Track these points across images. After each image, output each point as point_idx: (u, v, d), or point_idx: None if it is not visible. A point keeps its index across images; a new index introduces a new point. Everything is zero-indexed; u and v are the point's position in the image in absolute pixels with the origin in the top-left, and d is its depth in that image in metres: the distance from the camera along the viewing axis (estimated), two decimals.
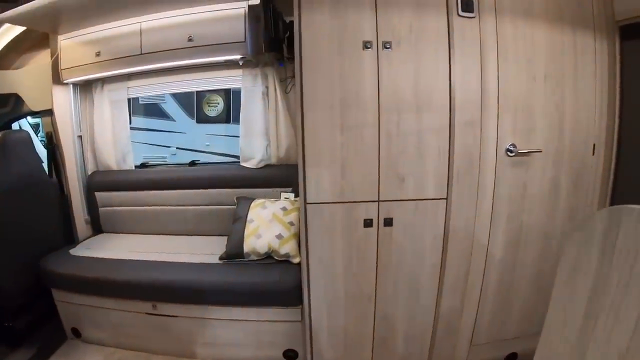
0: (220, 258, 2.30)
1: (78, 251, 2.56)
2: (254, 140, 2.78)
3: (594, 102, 1.94)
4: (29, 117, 3.41)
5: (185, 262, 2.31)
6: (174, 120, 4.16)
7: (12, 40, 2.72)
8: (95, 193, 2.92)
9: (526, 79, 1.85)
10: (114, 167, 2.99)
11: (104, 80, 2.87)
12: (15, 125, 4.15)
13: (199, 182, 2.81)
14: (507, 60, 1.83)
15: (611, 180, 2.04)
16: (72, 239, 2.83)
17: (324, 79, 1.76)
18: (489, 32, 1.81)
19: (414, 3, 1.76)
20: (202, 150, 3.67)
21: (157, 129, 3.69)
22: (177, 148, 3.71)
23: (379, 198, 1.84)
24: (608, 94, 1.96)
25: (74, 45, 2.64)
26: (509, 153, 1.87)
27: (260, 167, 2.78)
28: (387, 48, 1.77)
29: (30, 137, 2.63)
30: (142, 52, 2.46)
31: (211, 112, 4.17)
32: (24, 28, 2.65)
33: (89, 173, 3.00)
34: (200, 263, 2.30)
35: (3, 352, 2.34)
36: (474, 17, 1.80)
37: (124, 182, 2.91)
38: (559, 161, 1.93)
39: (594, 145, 1.97)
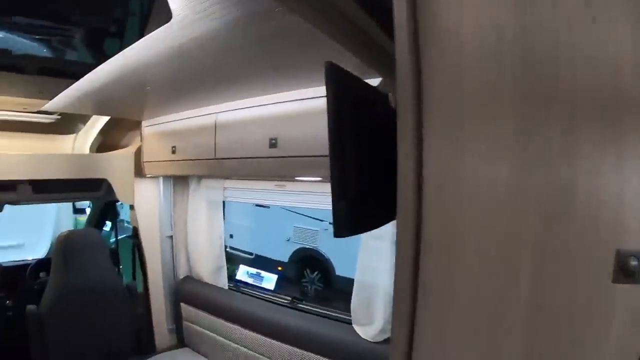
0: None
1: None
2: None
3: None
4: None
5: None
6: None
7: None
8: (181, 304, 2.47)
9: None
10: (207, 279, 2.46)
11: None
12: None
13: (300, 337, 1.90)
14: None
15: None
16: (152, 348, 2.46)
17: None
18: None
19: None
20: None
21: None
22: (329, 223, 2.61)
23: None
24: None
25: (155, 136, 2.28)
26: None
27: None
28: None
29: (99, 236, 2.35)
30: (217, 157, 1.89)
31: None
32: None
33: (181, 277, 2.57)
34: None
35: None
36: None
37: (213, 304, 2.31)
38: None
39: None
